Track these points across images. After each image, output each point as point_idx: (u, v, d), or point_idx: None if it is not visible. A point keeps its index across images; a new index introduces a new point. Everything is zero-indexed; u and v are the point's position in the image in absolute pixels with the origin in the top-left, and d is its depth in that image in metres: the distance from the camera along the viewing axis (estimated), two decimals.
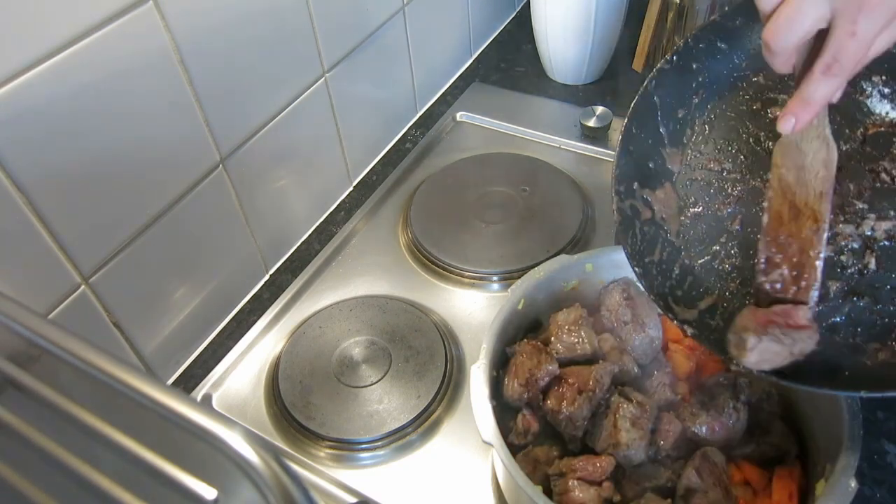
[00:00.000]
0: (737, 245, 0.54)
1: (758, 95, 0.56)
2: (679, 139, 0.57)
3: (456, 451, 0.71)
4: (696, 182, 0.57)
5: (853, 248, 0.50)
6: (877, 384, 0.46)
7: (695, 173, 0.57)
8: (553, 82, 1.25)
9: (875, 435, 0.70)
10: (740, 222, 0.55)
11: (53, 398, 0.33)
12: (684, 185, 0.57)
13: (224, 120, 0.76)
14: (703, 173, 0.57)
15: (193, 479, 0.29)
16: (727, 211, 0.56)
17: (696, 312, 0.53)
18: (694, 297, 0.55)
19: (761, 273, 0.48)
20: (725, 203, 0.56)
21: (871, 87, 0.52)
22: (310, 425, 0.72)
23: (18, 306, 0.35)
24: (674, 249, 0.56)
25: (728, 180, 0.56)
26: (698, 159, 0.57)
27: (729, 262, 0.55)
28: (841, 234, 0.51)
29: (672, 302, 0.54)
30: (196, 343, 0.84)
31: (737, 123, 0.56)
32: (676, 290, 0.54)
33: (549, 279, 0.69)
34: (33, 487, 0.32)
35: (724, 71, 0.56)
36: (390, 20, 1.01)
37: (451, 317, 0.84)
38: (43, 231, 0.60)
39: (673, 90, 0.56)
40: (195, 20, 0.68)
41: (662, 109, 0.56)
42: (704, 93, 0.56)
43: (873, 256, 0.50)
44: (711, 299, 0.54)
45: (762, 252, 0.48)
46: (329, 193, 1.01)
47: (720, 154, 0.57)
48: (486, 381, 0.59)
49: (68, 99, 0.59)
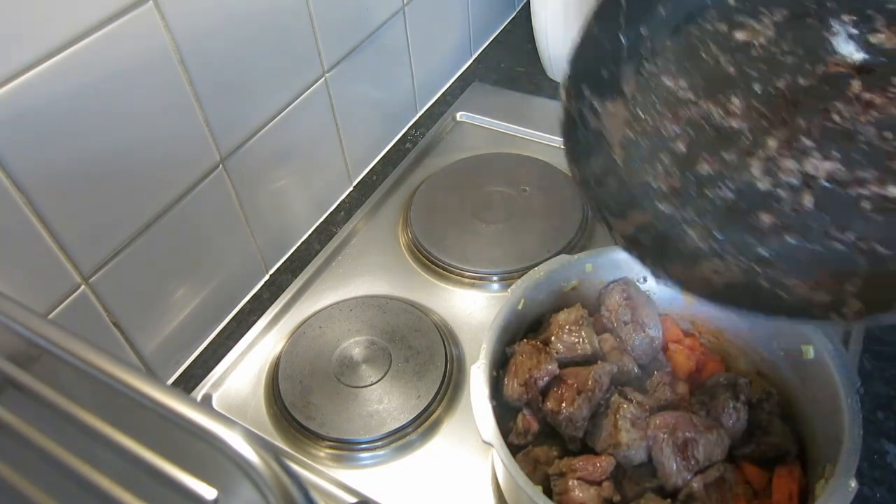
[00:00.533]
0: (677, 167, 0.53)
1: (725, 17, 0.53)
2: (637, 51, 0.55)
3: (456, 451, 0.71)
4: (647, 97, 0.55)
5: (792, 184, 0.49)
6: (791, 313, 0.46)
7: (648, 90, 0.55)
8: (553, 82, 1.24)
9: (875, 435, 0.70)
10: (687, 145, 0.53)
11: (53, 398, 0.33)
12: (635, 100, 0.55)
13: (224, 120, 0.76)
14: (657, 90, 0.55)
15: (193, 479, 0.29)
16: (674, 130, 0.54)
17: (632, 228, 0.53)
18: (626, 213, 0.54)
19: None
20: (674, 122, 0.54)
21: (839, 25, 0.49)
22: (310, 425, 0.72)
23: (18, 306, 0.35)
24: (613, 162, 0.55)
25: (681, 101, 0.54)
26: (654, 75, 0.55)
27: (667, 183, 0.53)
28: (782, 168, 0.50)
29: (608, 214, 0.53)
30: (196, 343, 0.84)
31: (699, 43, 0.54)
32: (610, 203, 0.54)
33: (549, 279, 0.69)
34: (33, 487, 0.32)
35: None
36: (390, 20, 1.01)
37: (451, 317, 0.84)
38: (43, 231, 0.60)
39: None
40: (195, 20, 0.68)
41: (627, 14, 0.53)
42: (672, 5, 0.54)
43: (812, 195, 0.49)
44: (644, 217, 0.53)
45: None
46: (329, 193, 1.01)
47: (677, 72, 0.55)
48: (486, 381, 0.59)
49: (68, 99, 0.59)
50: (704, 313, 0.72)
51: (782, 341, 0.65)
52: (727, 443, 0.61)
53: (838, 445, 0.54)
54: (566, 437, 0.63)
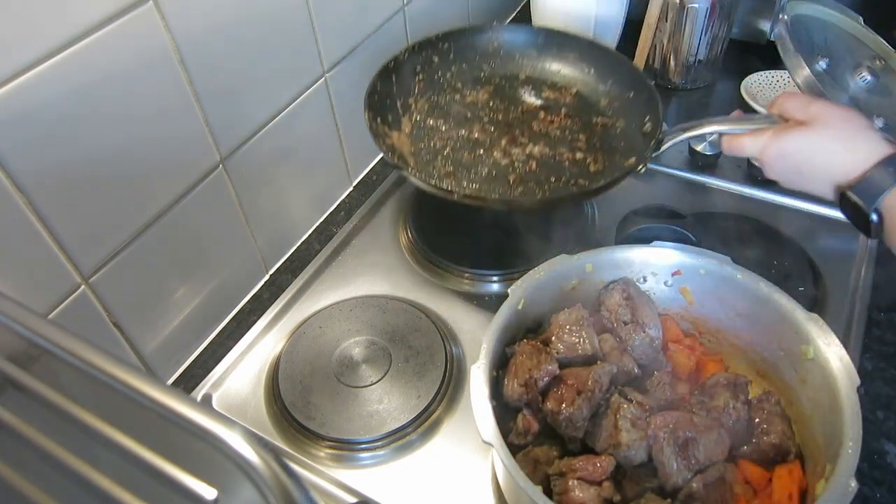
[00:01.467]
0: (451, 162, 0.89)
1: (458, 90, 0.99)
2: (407, 104, 0.95)
3: (456, 451, 0.71)
4: (420, 129, 0.94)
5: (521, 160, 0.89)
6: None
7: (421, 126, 0.94)
8: None
9: (875, 435, 0.70)
10: (451, 149, 0.90)
11: (53, 398, 0.33)
12: (412, 129, 0.94)
13: (224, 120, 0.76)
14: (426, 127, 0.94)
15: (193, 479, 0.29)
16: (441, 144, 0.91)
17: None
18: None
19: None
20: (442, 140, 0.92)
21: (523, 89, 1.01)
22: (310, 425, 0.72)
23: (18, 306, 0.35)
24: (406, 164, 0.88)
25: (441, 130, 0.93)
26: (422, 119, 0.94)
27: (444, 170, 0.87)
28: (512, 153, 0.90)
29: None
30: (196, 343, 0.84)
31: (444, 102, 0.97)
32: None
33: (549, 279, 0.69)
34: (33, 487, 0.32)
35: (438, 73, 0.98)
36: (390, 20, 1.01)
37: (450, 317, 0.84)
38: (43, 231, 0.60)
39: (406, 72, 0.95)
40: (195, 20, 0.68)
41: (396, 84, 0.93)
42: (423, 84, 0.97)
43: (535, 163, 0.89)
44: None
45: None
46: (329, 193, 1.01)
47: (436, 116, 0.95)
48: (486, 381, 0.59)
49: (68, 99, 0.59)
50: (704, 313, 0.72)
51: (782, 341, 0.65)
52: (727, 443, 0.61)
53: (838, 445, 0.54)
54: (566, 438, 0.63)
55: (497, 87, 0.99)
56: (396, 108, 0.93)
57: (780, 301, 0.64)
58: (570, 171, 0.88)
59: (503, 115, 0.95)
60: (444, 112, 0.95)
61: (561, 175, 0.87)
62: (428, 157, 0.89)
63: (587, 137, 0.92)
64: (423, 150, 0.90)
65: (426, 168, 0.88)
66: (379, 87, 0.89)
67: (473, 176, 0.87)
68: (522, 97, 0.98)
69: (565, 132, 0.93)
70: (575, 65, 1.00)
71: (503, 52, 1.01)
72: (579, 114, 0.96)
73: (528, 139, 0.91)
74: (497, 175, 0.87)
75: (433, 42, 0.96)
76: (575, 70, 1.00)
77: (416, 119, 0.94)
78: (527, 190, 0.85)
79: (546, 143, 0.91)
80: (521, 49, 1.01)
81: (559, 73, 1.01)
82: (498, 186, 0.85)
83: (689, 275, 0.70)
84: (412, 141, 0.91)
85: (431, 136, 0.92)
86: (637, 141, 0.88)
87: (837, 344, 0.60)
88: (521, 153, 0.90)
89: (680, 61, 1.16)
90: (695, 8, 1.08)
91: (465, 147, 0.90)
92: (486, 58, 1.01)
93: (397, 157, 0.86)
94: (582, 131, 0.93)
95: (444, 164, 0.88)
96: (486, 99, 0.98)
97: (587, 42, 0.99)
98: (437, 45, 0.97)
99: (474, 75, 1.00)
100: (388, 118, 0.91)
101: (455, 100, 0.97)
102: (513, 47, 1.01)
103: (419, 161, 0.89)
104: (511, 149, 0.90)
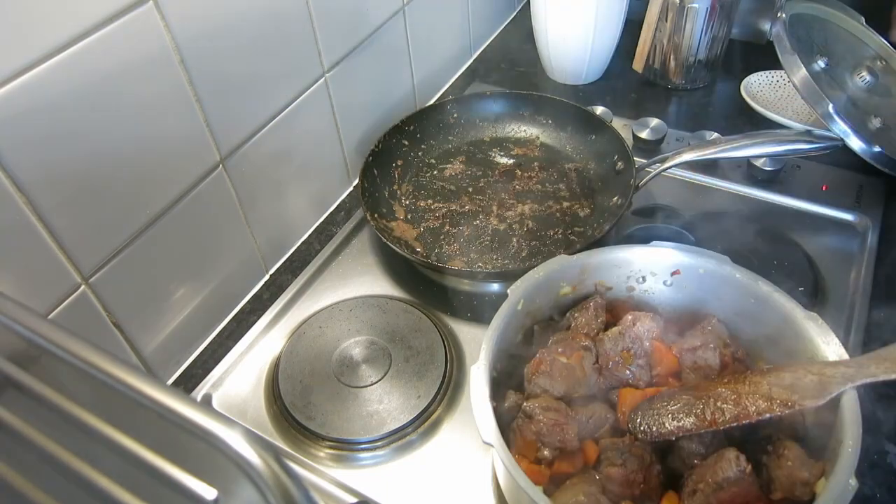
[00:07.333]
0: (454, 239, 0.93)
1: (429, 160, 1.05)
2: (393, 193, 0.99)
3: (456, 451, 0.71)
4: (415, 210, 0.98)
5: (517, 221, 0.93)
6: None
7: (413, 208, 0.98)
8: (553, 82, 1.25)
9: (875, 435, 0.70)
10: (449, 226, 0.94)
11: (53, 398, 0.33)
12: (406, 214, 0.97)
13: (224, 120, 0.76)
14: (418, 207, 0.98)
15: (193, 479, 0.29)
16: (439, 224, 0.95)
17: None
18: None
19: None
20: (437, 220, 0.95)
21: (493, 153, 1.06)
22: (310, 425, 0.72)
23: (18, 306, 0.35)
24: (412, 249, 0.91)
25: (432, 207, 0.97)
26: (412, 203, 0.98)
27: (451, 249, 0.91)
28: (506, 216, 0.94)
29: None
30: (196, 343, 0.84)
31: (425, 180, 1.02)
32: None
33: (548, 279, 0.69)
34: (33, 487, 0.32)
35: (410, 155, 1.03)
36: (390, 20, 1.01)
37: (450, 317, 0.84)
38: (43, 231, 0.60)
39: (384, 162, 1.00)
40: (195, 20, 0.68)
41: (378, 177, 0.98)
42: (402, 170, 1.02)
43: (531, 221, 0.93)
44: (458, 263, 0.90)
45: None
46: (329, 193, 1.01)
47: (423, 194, 0.99)
48: (486, 381, 0.59)
49: (69, 99, 0.59)
50: (704, 313, 0.71)
51: (782, 341, 0.65)
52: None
53: (838, 445, 0.54)
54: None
55: (468, 156, 1.05)
56: (386, 198, 0.97)
57: (780, 301, 0.64)
58: (563, 221, 0.93)
59: (483, 181, 1.01)
60: (429, 191, 1.00)
61: (557, 227, 0.93)
62: (431, 238, 0.93)
63: (567, 185, 0.99)
64: (425, 232, 0.94)
65: (433, 250, 0.91)
66: (366, 185, 0.93)
67: (479, 247, 0.91)
68: (494, 159, 1.04)
69: (545, 185, 0.99)
70: (532, 119, 1.08)
71: (463, 121, 1.08)
72: (551, 164, 1.02)
73: (516, 200, 0.97)
74: (501, 241, 0.91)
75: (400, 127, 1.01)
76: (533, 124, 1.08)
77: (406, 204, 0.98)
78: (531, 249, 0.90)
79: (533, 200, 0.97)
80: (479, 115, 1.08)
81: (520, 129, 1.08)
82: (506, 252, 0.90)
83: (689, 274, 0.70)
84: (412, 226, 0.95)
85: (426, 217, 0.96)
86: (613, 180, 0.95)
87: (837, 343, 0.60)
88: (515, 215, 0.95)
89: (680, 61, 1.16)
90: (695, 8, 1.08)
91: (461, 221, 0.95)
92: (449, 130, 1.07)
93: (404, 246, 0.89)
94: (560, 181, 0.99)
95: (449, 243, 0.92)
96: (462, 168, 1.03)
97: (536, 96, 1.07)
98: (403, 129, 1.02)
99: (444, 148, 1.06)
100: (383, 210, 0.95)
101: (434, 176, 1.02)
102: (471, 116, 1.08)
103: (425, 245, 0.92)
104: (504, 213, 0.95)
